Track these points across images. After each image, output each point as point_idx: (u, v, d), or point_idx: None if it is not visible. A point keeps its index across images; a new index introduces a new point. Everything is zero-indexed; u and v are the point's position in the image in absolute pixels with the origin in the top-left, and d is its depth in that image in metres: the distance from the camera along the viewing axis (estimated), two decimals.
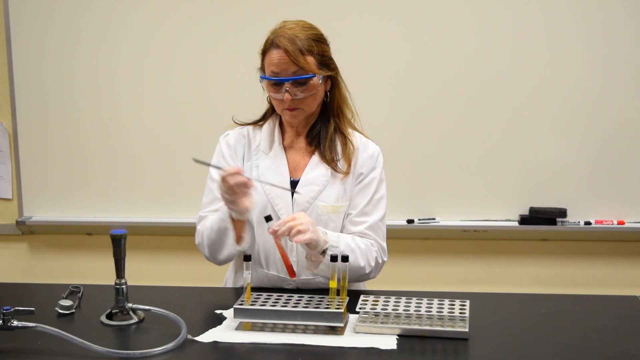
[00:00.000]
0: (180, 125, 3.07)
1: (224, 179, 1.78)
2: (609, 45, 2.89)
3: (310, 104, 1.93)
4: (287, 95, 1.88)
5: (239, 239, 1.90)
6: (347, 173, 1.97)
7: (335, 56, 1.98)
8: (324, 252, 1.84)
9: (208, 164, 1.92)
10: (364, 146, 2.02)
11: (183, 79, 3.06)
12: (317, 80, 1.89)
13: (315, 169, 1.98)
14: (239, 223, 1.88)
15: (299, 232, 1.76)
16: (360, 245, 1.93)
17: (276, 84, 1.89)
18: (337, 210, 1.97)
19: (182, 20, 3.03)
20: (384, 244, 2.01)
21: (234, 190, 1.78)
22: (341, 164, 1.98)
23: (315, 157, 1.98)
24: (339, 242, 1.86)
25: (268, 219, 1.84)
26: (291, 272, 1.87)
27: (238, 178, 1.77)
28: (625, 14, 2.88)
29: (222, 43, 3.02)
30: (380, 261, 1.98)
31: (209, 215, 1.97)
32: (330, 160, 1.97)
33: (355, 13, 2.95)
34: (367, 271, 1.94)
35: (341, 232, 1.98)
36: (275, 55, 1.88)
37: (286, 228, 1.76)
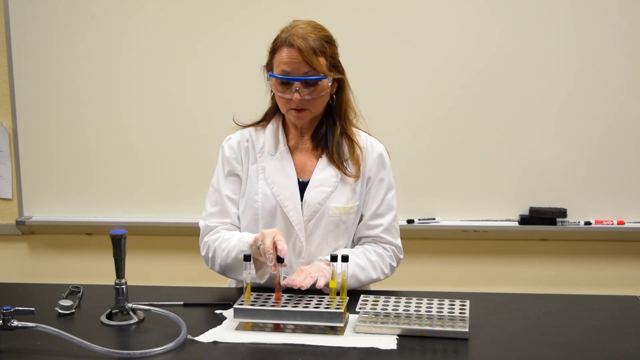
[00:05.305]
0: (180, 125, 3.07)
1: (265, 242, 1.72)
2: (608, 45, 2.89)
3: (318, 105, 1.91)
4: (296, 95, 1.85)
5: (260, 275, 1.86)
6: (357, 177, 1.97)
7: (340, 57, 1.96)
8: None
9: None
10: (371, 146, 2.01)
11: (183, 79, 3.05)
12: (327, 82, 1.88)
13: (324, 170, 1.96)
14: (260, 262, 1.83)
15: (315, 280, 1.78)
16: (371, 258, 1.96)
17: (285, 83, 1.86)
18: (348, 212, 1.96)
19: (182, 21, 3.02)
20: (399, 242, 2.04)
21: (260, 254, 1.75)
22: (350, 168, 1.97)
23: (324, 159, 1.97)
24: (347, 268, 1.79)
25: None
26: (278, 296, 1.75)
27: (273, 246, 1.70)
28: (624, 14, 2.87)
29: (223, 43, 3.02)
30: (395, 264, 2.02)
31: (223, 234, 1.93)
32: (340, 164, 1.96)
33: (357, 14, 2.96)
34: (381, 279, 1.98)
35: (354, 232, 2.01)
36: (287, 54, 1.85)
37: (304, 283, 1.75)
